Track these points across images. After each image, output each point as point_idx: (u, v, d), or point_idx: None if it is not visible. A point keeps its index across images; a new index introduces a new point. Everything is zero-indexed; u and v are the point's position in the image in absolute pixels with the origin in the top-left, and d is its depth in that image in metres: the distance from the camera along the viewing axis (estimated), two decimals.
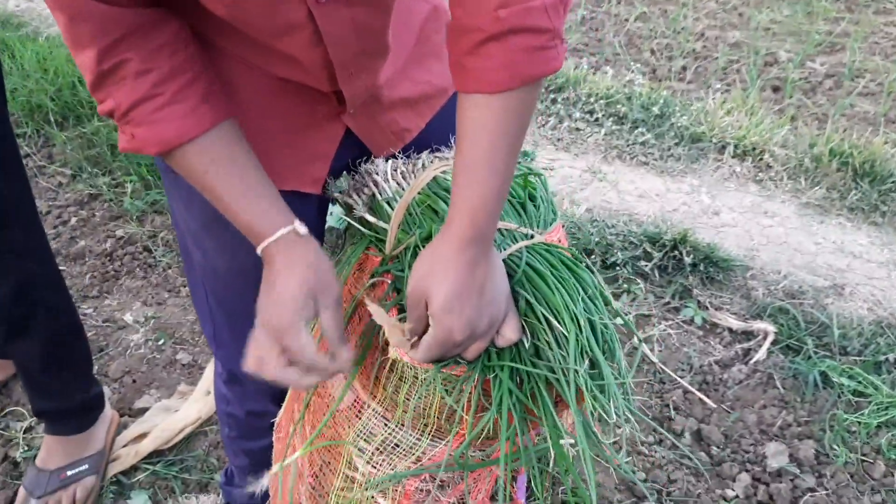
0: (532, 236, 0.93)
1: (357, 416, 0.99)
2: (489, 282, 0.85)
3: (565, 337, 0.84)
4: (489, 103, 0.81)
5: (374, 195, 1.01)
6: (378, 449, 0.97)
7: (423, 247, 0.89)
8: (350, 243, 1.05)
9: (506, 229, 0.94)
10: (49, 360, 1.64)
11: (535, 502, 1.07)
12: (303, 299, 0.89)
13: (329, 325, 0.91)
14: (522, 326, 0.88)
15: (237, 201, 0.91)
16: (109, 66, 0.84)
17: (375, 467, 0.97)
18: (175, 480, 1.79)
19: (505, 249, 0.91)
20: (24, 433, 1.88)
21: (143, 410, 1.94)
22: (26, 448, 1.84)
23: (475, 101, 0.82)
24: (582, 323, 0.85)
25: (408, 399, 0.93)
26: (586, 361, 0.85)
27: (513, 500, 1.02)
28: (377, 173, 1.02)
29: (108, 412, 1.85)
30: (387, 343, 0.93)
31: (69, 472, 1.71)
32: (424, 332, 0.87)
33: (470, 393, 0.88)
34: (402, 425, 0.96)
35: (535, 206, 1.00)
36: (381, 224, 0.98)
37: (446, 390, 0.89)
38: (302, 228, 0.93)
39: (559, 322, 0.84)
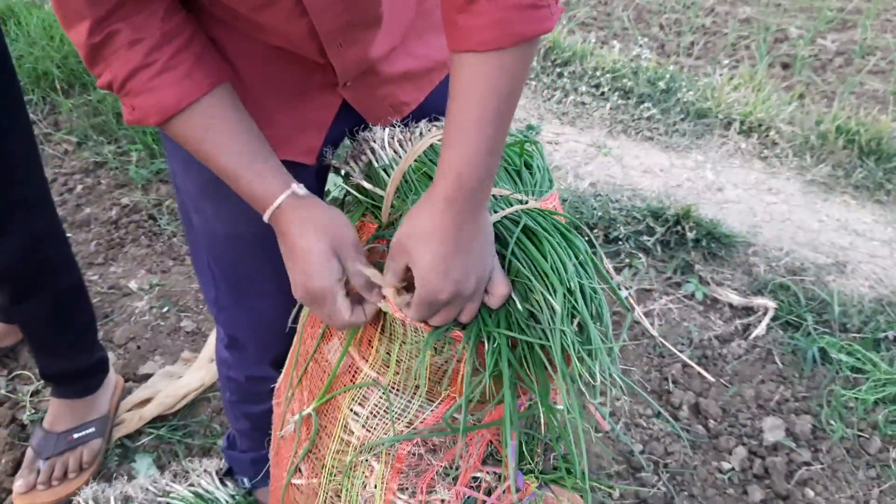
0: (526, 202, 0.93)
1: (352, 380, 1.00)
2: (475, 242, 0.85)
3: (553, 298, 0.85)
4: (480, 62, 0.81)
5: (370, 163, 1.02)
6: (372, 412, 0.98)
7: None
8: (347, 211, 1.06)
9: (500, 195, 0.94)
10: (54, 321, 1.66)
11: (527, 466, 1.09)
12: (326, 261, 0.91)
13: (356, 273, 0.93)
14: (513, 286, 0.89)
15: (235, 168, 0.92)
16: (101, 38, 0.84)
17: (370, 431, 0.98)
18: (178, 445, 1.82)
19: (497, 212, 0.92)
20: (31, 396, 1.91)
21: (148, 376, 1.97)
22: (33, 411, 1.87)
23: (466, 60, 0.81)
24: (572, 286, 0.86)
25: (399, 361, 0.94)
26: (574, 324, 0.86)
27: (505, 463, 1.03)
28: (374, 141, 1.03)
29: (113, 377, 1.87)
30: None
31: (76, 435, 1.74)
32: (410, 288, 0.88)
33: (462, 356, 0.89)
34: (394, 388, 0.97)
35: (530, 174, 1.00)
36: (378, 191, 0.99)
37: (436, 349, 0.91)
38: (301, 189, 0.94)
39: (548, 284, 0.85)
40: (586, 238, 0.96)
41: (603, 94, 3.27)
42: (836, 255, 2.47)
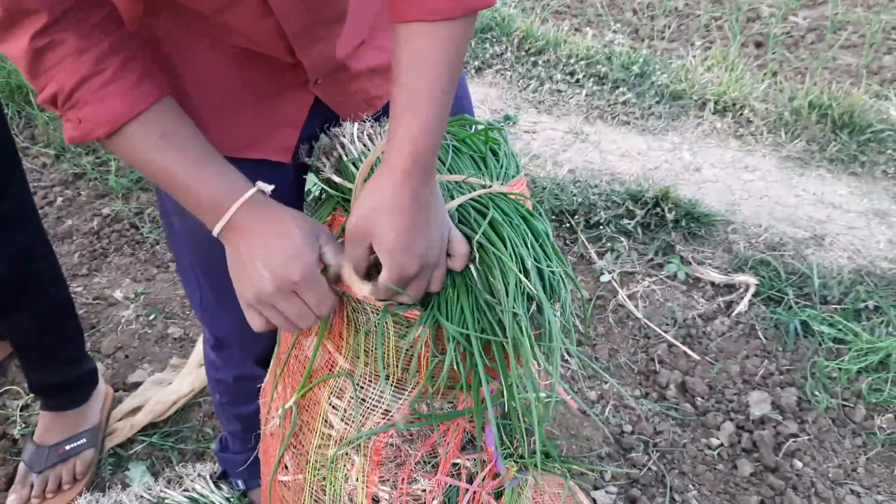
0: (490, 187, 0.95)
1: (330, 372, 1.01)
2: (433, 211, 0.86)
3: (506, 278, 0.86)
4: (430, 32, 0.82)
5: (340, 157, 1.03)
6: (349, 405, 0.99)
7: None
8: (320, 206, 1.07)
9: (464, 182, 0.95)
10: (43, 334, 1.66)
11: (507, 451, 1.10)
12: (311, 242, 0.89)
13: (336, 264, 0.92)
14: (471, 251, 0.90)
15: (193, 173, 0.89)
16: (44, 44, 0.82)
17: (348, 423, 0.99)
18: (171, 451, 1.82)
19: (457, 197, 0.92)
20: (21, 411, 1.90)
21: (137, 385, 1.97)
22: (24, 425, 1.87)
23: (416, 30, 0.82)
24: (528, 265, 0.87)
25: (367, 350, 0.95)
26: (534, 306, 0.87)
27: (483, 449, 1.05)
28: (344, 136, 1.04)
29: (103, 387, 1.88)
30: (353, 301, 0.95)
31: (67, 447, 1.74)
32: (370, 268, 0.89)
33: (426, 340, 0.89)
34: (367, 379, 0.98)
35: (496, 160, 1.02)
36: (347, 184, 1.00)
37: (399, 334, 0.92)
38: (266, 187, 0.93)
39: (500, 265, 0.86)
40: (567, 224, 0.98)
41: (578, 80, 3.28)
42: (813, 228, 2.50)
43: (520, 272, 0.86)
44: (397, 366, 0.95)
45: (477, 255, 0.89)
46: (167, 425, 1.88)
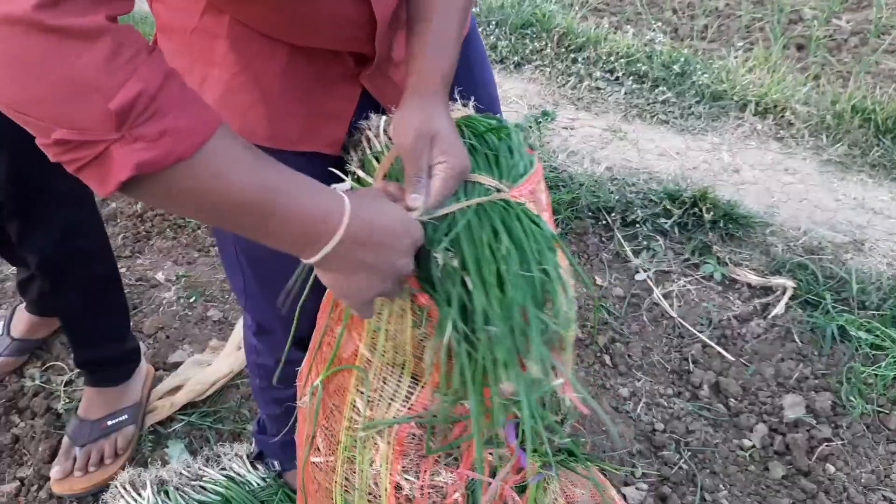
0: (498, 191, 0.95)
1: (355, 359, 1.03)
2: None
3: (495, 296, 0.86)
4: None
5: (365, 150, 1.03)
6: (373, 390, 1.00)
7: None
8: None
9: (475, 181, 0.96)
10: (90, 309, 1.71)
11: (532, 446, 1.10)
12: (403, 214, 0.88)
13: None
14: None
15: (297, 187, 0.78)
16: (119, 27, 0.65)
17: (372, 409, 1.01)
18: (209, 430, 1.86)
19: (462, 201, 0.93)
20: (65, 386, 1.96)
21: (177, 365, 2.02)
22: (67, 400, 1.92)
23: None
24: (507, 278, 0.87)
25: (386, 337, 0.96)
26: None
27: (504, 445, 1.05)
28: (370, 128, 1.04)
29: (144, 366, 1.92)
30: None
31: (109, 422, 1.79)
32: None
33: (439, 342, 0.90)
34: (385, 366, 0.99)
35: (509, 156, 1.02)
36: (368, 179, 0.99)
37: (415, 322, 0.93)
38: (344, 186, 0.94)
39: (480, 281, 0.86)
40: (603, 222, 0.97)
41: (617, 78, 3.28)
42: (853, 233, 2.48)
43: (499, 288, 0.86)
44: (414, 354, 0.95)
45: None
46: (206, 405, 1.92)
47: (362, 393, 1.02)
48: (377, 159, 1.01)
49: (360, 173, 1.02)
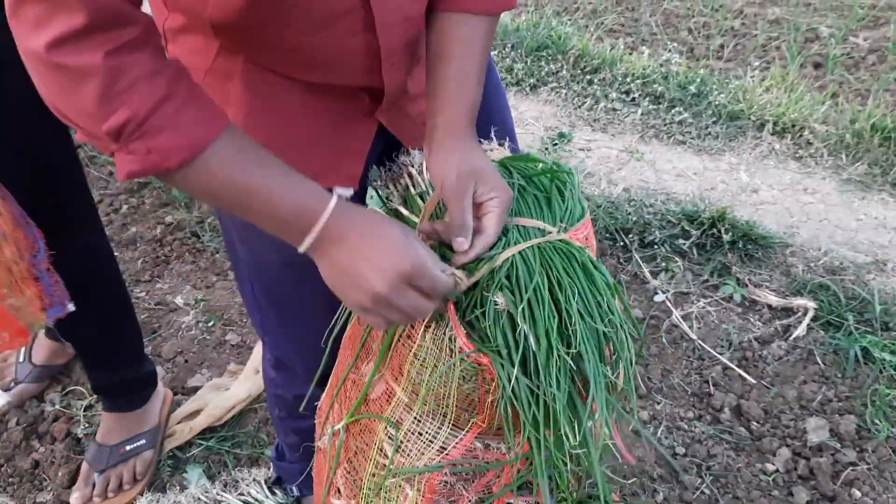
0: (548, 234, 0.94)
1: (388, 403, 1.01)
2: None
3: (547, 349, 0.85)
4: (479, 24, 1.00)
5: (408, 187, 1.03)
6: (405, 437, 0.98)
7: None
8: None
9: (526, 226, 0.95)
10: (103, 334, 1.72)
11: (561, 494, 1.09)
12: (410, 233, 0.88)
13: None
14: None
15: (279, 184, 0.85)
16: (119, 62, 0.75)
17: (403, 456, 0.98)
18: (227, 455, 1.86)
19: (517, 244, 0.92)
20: (85, 411, 1.97)
21: (196, 389, 2.02)
22: (87, 425, 1.93)
23: (465, 20, 0.99)
24: (575, 328, 0.86)
25: (429, 387, 0.94)
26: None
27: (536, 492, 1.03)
28: (413, 165, 1.04)
29: (162, 390, 1.93)
30: (411, 328, 0.94)
31: (128, 447, 1.79)
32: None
33: (491, 386, 0.89)
34: (425, 414, 0.97)
35: (562, 200, 1.01)
36: (414, 218, 0.99)
37: (464, 378, 0.90)
38: (345, 192, 0.97)
39: (535, 333, 0.85)
40: (621, 243, 0.97)
41: (633, 99, 3.28)
42: (875, 253, 2.45)
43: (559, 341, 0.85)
44: (458, 406, 0.94)
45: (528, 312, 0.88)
46: (224, 430, 1.92)
47: (391, 437, 1.00)
48: (422, 198, 1.02)
49: (404, 211, 1.02)
